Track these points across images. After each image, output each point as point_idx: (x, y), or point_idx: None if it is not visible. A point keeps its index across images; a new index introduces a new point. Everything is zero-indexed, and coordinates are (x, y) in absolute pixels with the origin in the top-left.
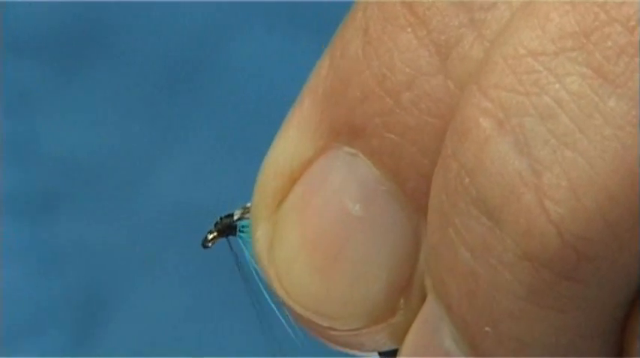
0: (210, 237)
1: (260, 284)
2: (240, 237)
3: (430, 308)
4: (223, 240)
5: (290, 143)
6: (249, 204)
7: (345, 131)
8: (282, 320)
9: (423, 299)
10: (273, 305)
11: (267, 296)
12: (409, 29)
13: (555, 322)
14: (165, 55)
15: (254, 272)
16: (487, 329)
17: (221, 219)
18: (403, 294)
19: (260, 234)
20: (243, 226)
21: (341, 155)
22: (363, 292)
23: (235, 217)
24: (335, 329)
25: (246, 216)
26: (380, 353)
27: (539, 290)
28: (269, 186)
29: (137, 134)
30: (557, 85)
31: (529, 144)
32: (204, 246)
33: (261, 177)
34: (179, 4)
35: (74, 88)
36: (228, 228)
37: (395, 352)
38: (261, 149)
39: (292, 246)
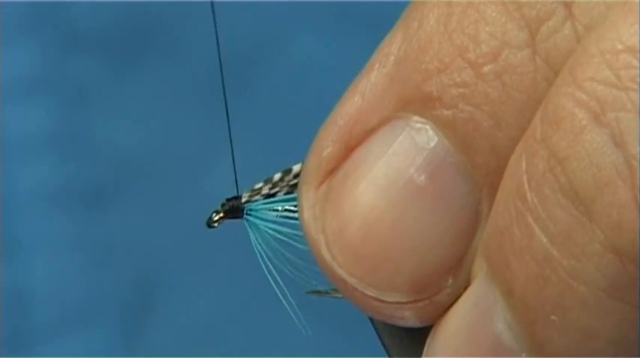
0: (216, 217)
1: (265, 268)
2: (247, 220)
3: (482, 290)
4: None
5: (353, 109)
6: (257, 186)
7: (416, 100)
8: (288, 309)
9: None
10: (279, 294)
11: (273, 282)
12: (498, 2)
13: (629, 316)
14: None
15: (259, 256)
16: (553, 317)
17: (227, 200)
18: (452, 272)
19: (309, 199)
20: (250, 209)
21: (407, 125)
22: (415, 265)
23: (243, 200)
24: (380, 301)
25: (255, 198)
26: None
27: (621, 284)
28: (325, 152)
29: (190, 130)
30: None
31: (625, 139)
32: (209, 226)
33: (318, 141)
34: (235, 4)
35: (130, 84)
36: (234, 210)
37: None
38: None
39: (346, 212)
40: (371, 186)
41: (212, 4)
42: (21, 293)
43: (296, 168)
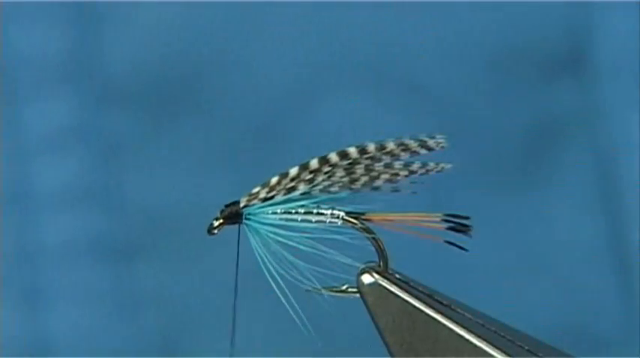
0: (216, 224)
1: (266, 271)
2: (246, 224)
3: None
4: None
5: None
6: (255, 190)
7: None
8: (289, 309)
9: None
10: (280, 294)
11: (274, 285)
12: None
13: None
14: (252, 112)
15: (260, 259)
16: None
17: (226, 206)
18: None
19: None
20: (249, 214)
21: None
22: None
23: (241, 204)
24: None
25: (253, 202)
26: None
27: None
28: None
29: (220, 188)
30: None
31: None
32: (210, 233)
33: None
34: (268, 63)
35: (161, 140)
36: (233, 216)
37: None
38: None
39: None
40: None
41: None
42: (48, 345)
43: (293, 171)
